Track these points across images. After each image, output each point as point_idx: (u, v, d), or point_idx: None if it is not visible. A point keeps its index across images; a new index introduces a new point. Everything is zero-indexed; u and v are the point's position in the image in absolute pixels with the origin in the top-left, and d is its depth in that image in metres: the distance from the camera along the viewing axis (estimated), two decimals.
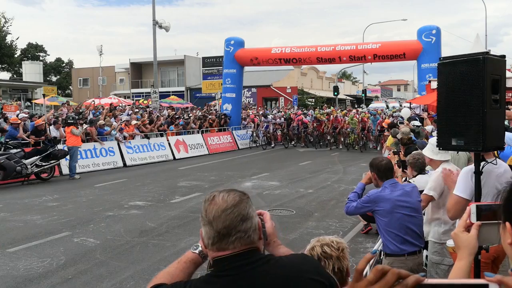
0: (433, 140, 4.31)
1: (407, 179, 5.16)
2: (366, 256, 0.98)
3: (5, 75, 52.18)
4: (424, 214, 4.74)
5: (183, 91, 47.15)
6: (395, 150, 7.83)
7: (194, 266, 1.78)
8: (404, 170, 5.83)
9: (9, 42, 50.45)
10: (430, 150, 4.54)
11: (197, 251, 1.78)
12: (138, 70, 50.44)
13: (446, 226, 4.33)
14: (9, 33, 50.02)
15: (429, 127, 10.85)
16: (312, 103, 44.55)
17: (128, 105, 28.39)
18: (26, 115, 15.94)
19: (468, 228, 1.52)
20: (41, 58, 58.82)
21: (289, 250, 1.86)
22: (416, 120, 12.25)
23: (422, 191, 4.47)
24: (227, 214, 1.54)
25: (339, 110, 29.56)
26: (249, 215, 1.58)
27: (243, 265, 1.53)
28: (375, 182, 4.13)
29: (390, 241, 3.95)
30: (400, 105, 32.54)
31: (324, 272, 1.70)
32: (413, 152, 5.64)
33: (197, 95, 45.06)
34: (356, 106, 46.93)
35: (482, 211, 1.52)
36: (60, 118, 16.35)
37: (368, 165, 4.28)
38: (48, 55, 62.45)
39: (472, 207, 1.53)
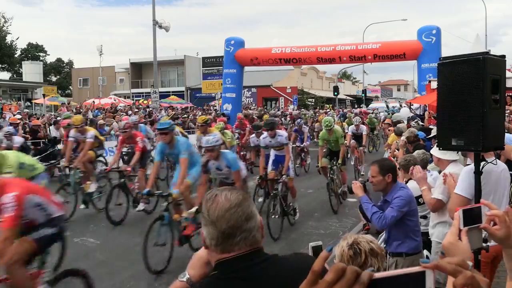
0: None
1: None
2: (322, 255, 0.91)
3: (5, 75, 52.26)
4: (423, 217, 4.75)
5: (183, 91, 47.15)
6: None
7: None
8: None
9: (9, 42, 50.48)
10: (438, 149, 4.49)
11: (184, 279, 1.74)
12: (138, 70, 50.44)
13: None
14: (9, 33, 50.12)
15: None
16: (312, 103, 44.58)
17: (128, 105, 28.43)
18: (21, 117, 16.01)
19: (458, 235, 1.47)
20: (41, 58, 58.77)
21: None
22: (417, 119, 12.27)
23: (418, 196, 4.45)
24: (231, 213, 1.49)
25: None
26: (253, 213, 1.54)
27: (250, 266, 1.49)
28: (384, 185, 3.96)
29: (414, 240, 3.96)
30: (400, 106, 32.58)
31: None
32: (404, 155, 5.62)
33: (197, 95, 45.06)
34: (354, 106, 46.88)
35: (467, 215, 1.49)
36: (59, 118, 16.38)
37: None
38: (48, 55, 62.45)
39: (460, 212, 1.48)
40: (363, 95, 46.35)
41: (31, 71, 45.72)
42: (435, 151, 4.47)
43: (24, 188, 3.83)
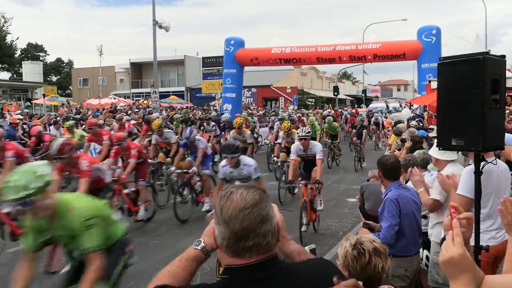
0: None
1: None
2: None
3: (5, 75, 52.30)
4: (423, 216, 4.75)
5: (183, 91, 47.18)
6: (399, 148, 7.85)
7: (197, 264, 1.66)
8: None
9: (9, 42, 50.51)
10: (436, 150, 4.48)
11: (199, 248, 1.66)
12: (138, 70, 50.47)
13: None
14: (9, 33, 50.16)
15: None
16: (312, 103, 44.61)
17: (128, 105, 28.43)
18: (22, 117, 16.04)
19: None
20: (41, 58, 58.81)
21: (299, 246, 1.77)
22: (417, 119, 12.30)
23: None
24: (246, 214, 1.39)
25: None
26: (269, 215, 1.44)
27: (263, 278, 1.41)
28: (380, 179, 4.15)
29: (401, 241, 4.00)
30: (400, 105, 32.59)
31: (345, 278, 1.63)
32: (405, 155, 5.64)
33: (197, 95, 45.10)
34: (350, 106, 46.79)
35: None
36: (59, 118, 16.39)
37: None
38: (48, 55, 62.50)
39: (455, 221, 1.45)
40: (363, 95, 46.41)
41: (31, 71, 45.75)
42: (433, 152, 4.48)
43: None
